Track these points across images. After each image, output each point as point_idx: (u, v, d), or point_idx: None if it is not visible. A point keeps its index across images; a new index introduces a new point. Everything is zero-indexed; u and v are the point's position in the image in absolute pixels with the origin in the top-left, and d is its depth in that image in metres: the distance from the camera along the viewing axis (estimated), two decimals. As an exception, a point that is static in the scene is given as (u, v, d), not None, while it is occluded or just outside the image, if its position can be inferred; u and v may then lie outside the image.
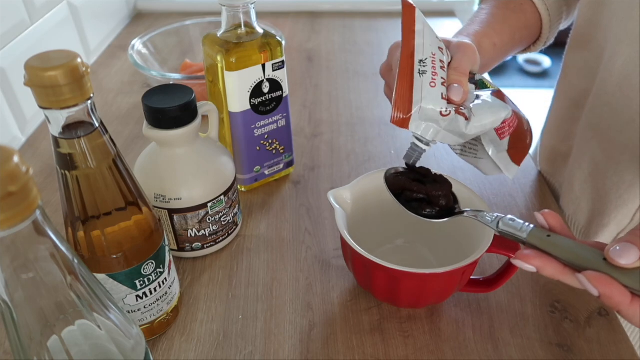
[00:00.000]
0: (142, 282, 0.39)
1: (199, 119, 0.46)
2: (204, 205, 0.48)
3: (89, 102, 0.31)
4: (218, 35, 0.52)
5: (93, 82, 0.55)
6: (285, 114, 0.57)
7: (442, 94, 0.40)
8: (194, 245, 0.50)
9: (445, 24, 1.02)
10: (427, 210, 0.42)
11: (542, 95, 2.51)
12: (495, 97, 0.43)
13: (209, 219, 0.49)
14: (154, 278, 0.40)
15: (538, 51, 0.60)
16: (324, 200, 0.59)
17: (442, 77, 0.41)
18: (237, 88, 0.52)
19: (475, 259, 0.41)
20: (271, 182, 0.62)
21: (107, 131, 0.34)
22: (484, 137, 0.43)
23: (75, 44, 0.84)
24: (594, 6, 0.53)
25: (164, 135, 0.45)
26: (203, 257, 0.52)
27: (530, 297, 0.48)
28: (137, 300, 0.40)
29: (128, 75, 0.85)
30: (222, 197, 0.49)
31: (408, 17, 0.42)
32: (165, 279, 0.42)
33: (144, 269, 0.39)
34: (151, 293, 0.41)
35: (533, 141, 0.46)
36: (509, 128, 0.43)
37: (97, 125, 0.32)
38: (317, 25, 1.03)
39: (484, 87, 0.45)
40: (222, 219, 0.50)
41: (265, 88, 0.54)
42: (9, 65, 0.66)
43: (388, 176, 0.44)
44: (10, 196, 0.21)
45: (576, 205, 0.57)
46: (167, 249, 0.42)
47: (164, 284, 0.42)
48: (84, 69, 0.29)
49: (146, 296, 0.41)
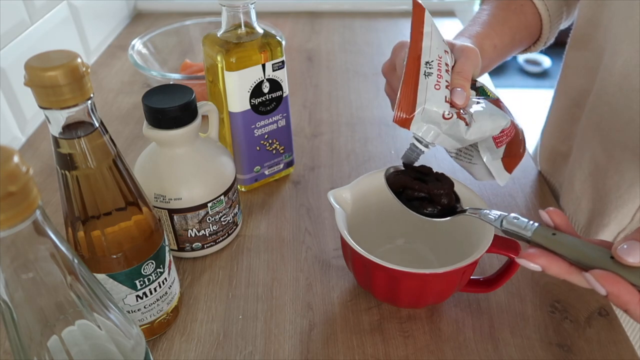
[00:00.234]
0: (142, 282, 0.39)
1: (199, 119, 0.46)
2: (204, 205, 0.48)
3: (89, 102, 0.31)
4: (218, 35, 0.52)
5: (93, 82, 0.55)
6: (285, 114, 0.57)
7: (445, 96, 0.40)
8: (194, 245, 0.50)
9: (445, 24, 1.02)
10: (429, 209, 0.42)
11: (542, 95, 2.51)
12: (494, 106, 0.43)
13: (209, 219, 0.49)
14: (154, 278, 0.40)
15: (538, 51, 0.61)
16: (324, 200, 0.59)
17: (446, 80, 0.41)
18: (237, 88, 0.52)
19: (475, 259, 0.41)
20: (271, 182, 0.62)
21: (107, 131, 0.34)
22: (481, 144, 0.43)
23: (75, 44, 0.84)
24: (594, 6, 0.53)
25: (164, 135, 0.45)
26: (203, 257, 0.52)
27: (530, 297, 0.48)
28: (137, 300, 0.40)
29: (128, 75, 0.85)
30: (222, 197, 0.49)
31: (418, 18, 0.42)
32: (165, 279, 0.42)
33: (144, 269, 0.39)
34: (151, 293, 0.41)
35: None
36: (506, 137, 0.43)
37: (97, 125, 0.32)
38: (317, 25, 1.03)
39: (484, 94, 0.45)
40: (222, 219, 0.50)
41: (265, 88, 0.54)
42: (9, 65, 0.66)
43: (388, 175, 0.44)
44: (10, 196, 0.21)
45: (576, 205, 0.57)
46: (167, 249, 0.42)
47: (164, 284, 0.42)
48: (84, 69, 0.29)
49: (146, 296, 0.41)
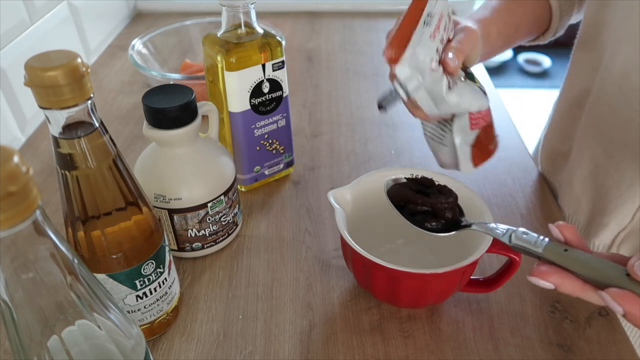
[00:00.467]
0: (142, 282, 0.39)
1: (199, 119, 0.46)
2: (204, 205, 0.48)
3: (89, 102, 0.31)
4: (218, 35, 0.52)
5: (93, 82, 0.55)
6: (285, 114, 0.57)
7: (437, 48, 0.40)
8: (194, 245, 0.50)
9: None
10: (433, 224, 0.41)
11: (542, 95, 2.51)
12: (479, 89, 0.44)
13: (209, 219, 0.49)
14: (154, 278, 0.40)
15: (547, 41, 0.60)
16: (324, 200, 0.59)
17: (442, 37, 0.41)
18: (237, 88, 0.52)
19: (475, 259, 0.41)
20: (271, 182, 0.62)
21: (107, 131, 0.34)
22: (456, 123, 0.43)
23: (75, 44, 0.84)
24: (598, 6, 0.53)
25: (164, 135, 0.45)
26: (203, 257, 0.52)
27: (530, 297, 0.48)
28: (137, 300, 0.40)
29: (128, 75, 0.85)
30: (222, 197, 0.49)
31: None
32: (165, 279, 0.42)
33: (144, 269, 0.39)
34: (151, 293, 0.41)
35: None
36: (482, 121, 0.43)
37: (97, 125, 0.32)
38: (317, 25, 1.03)
39: (472, 80, 0.45)
40: (222, 219, 0.50)
41: (265, 88, 0.54)
42: (9, 65, 0.66)
43: (389, 188, 0.43)
44: (10, 196, 0.21)
45: (576, 205, 0.57)
46: (167, 249, 0.42)
47: (164, 284, 0.42)
48: (84, 69, 0.29)
49: (146, 296, 0.41)
